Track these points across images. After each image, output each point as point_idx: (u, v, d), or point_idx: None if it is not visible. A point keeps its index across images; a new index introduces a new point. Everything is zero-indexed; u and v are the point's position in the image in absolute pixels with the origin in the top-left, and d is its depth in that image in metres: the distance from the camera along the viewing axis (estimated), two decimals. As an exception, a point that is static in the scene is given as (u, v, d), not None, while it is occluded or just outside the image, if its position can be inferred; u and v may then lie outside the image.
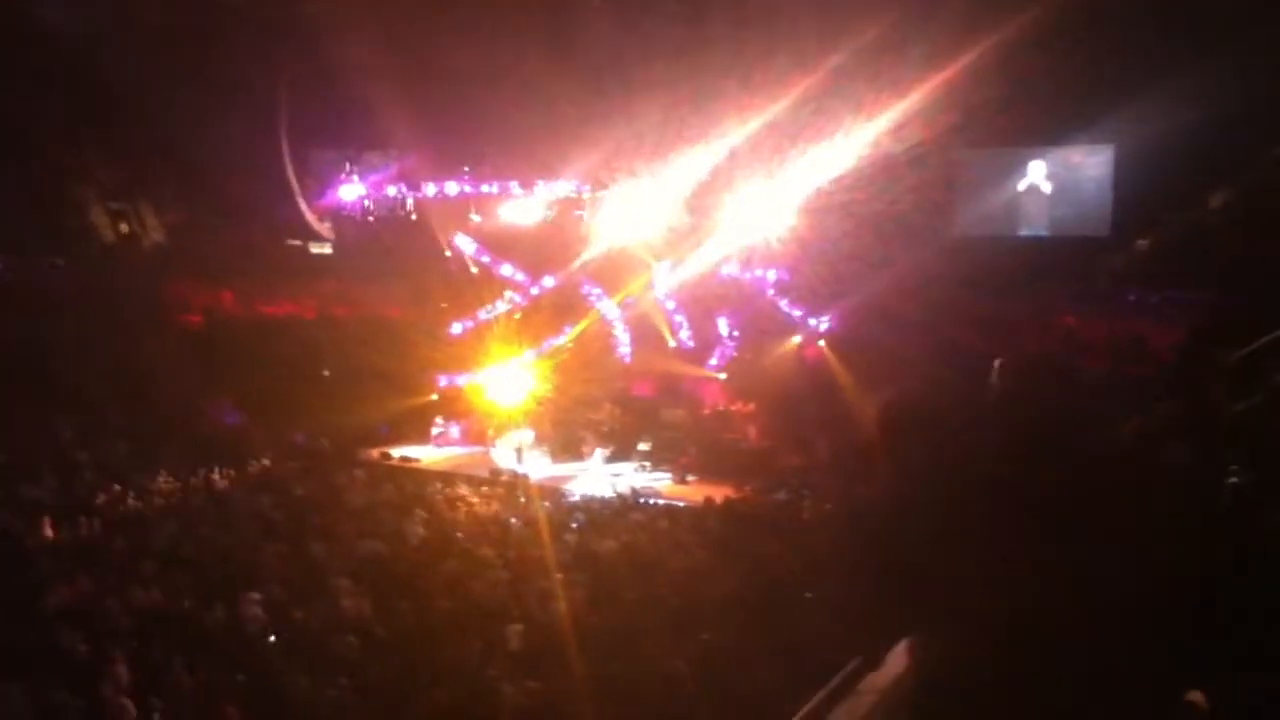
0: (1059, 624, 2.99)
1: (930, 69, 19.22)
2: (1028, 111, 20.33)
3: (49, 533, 13.73)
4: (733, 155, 22.36)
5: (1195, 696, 2.99)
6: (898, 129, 20.07)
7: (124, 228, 23.85)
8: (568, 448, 23.78)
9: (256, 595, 11.66)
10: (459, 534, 15.46)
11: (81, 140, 20.43)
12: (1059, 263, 21.17)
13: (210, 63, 21.58)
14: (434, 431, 24.82)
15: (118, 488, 16.31)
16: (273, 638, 10.74)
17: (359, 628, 11.25)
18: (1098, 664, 2.90)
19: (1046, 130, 21.62)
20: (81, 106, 20.34)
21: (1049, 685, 2.95)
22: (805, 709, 5.42)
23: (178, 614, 11.30)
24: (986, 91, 19.39)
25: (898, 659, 4.74)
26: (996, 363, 4.08)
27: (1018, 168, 23.16)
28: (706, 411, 24.31)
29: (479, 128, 24.86)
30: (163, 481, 17.25)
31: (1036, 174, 22.82)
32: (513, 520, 16.64)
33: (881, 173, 20.88)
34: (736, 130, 21.58)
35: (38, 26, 19.79)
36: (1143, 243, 20.45)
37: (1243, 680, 3.00)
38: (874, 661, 5.05)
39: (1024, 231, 22.99)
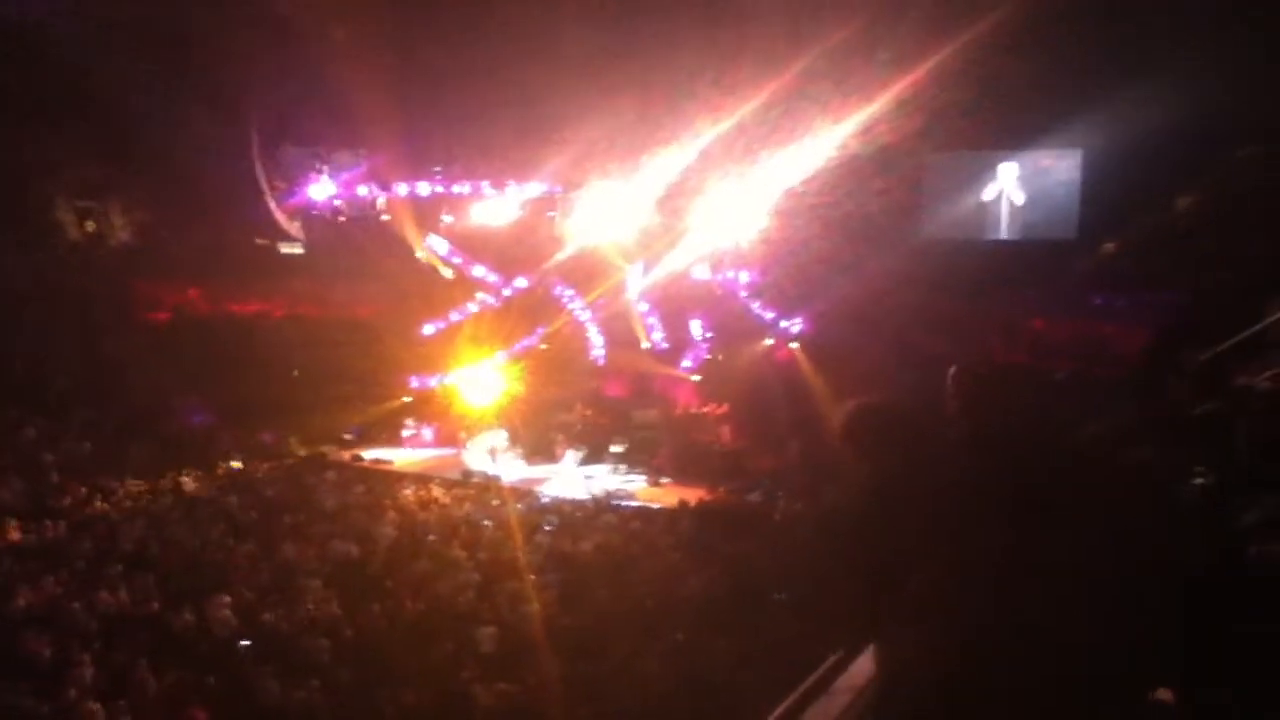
0: (1027, 622, 3.02)
1: (898, 72, 19.35)
2: (995, 115, 20.48)
3: (14, 535, 13.53)
4: (704, 157, 22.39)
5: (1163, 694, 3.03)
6: (866, 132, 20.17)
7: (90, 226, 23.54)
8: (540, 449, 23.76)
9: (226, 598, 11.56)
10: (430, 536, 15.39)
11: (46, 137, 20.13)
12: (1027, 266, 21.34)
13: (179, 59, 21.35)
14: (405, 433, 24.74)
15: (84, 489, 16.12)
16: (243, 641, 10.64)
17: (329, 630, 11.18)
18: (1065, 662, 2.94)
19: (1014, 134, 21.80)
20: (47, 102, 20.06)
21: (1017, 683, 2.98)
22: (780, 708, 5.45)
23: (145, 616, 11.18)
24: (954, 95, 19.54)
25: (867, 659, 4.77)
26: (951, 370, 4.12)
27: (985, 171, 23.35)
28: (679, 413, 24.38)
29: (450, 127, 24.78)
30: (130, 482, 17.05)
31: (1004, 177, 23.00)
32: (485, 522, 16.60)
33: (850, 176, 20.99)
34: (707, 132, 21.61)
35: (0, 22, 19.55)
36: (1109, 246, 20.65)
37: (1210, 678, 3.04)
38: (850, 658, 5.08)
39: (992, 235, 23.17)
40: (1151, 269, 18.88)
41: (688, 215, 23.93)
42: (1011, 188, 23.03)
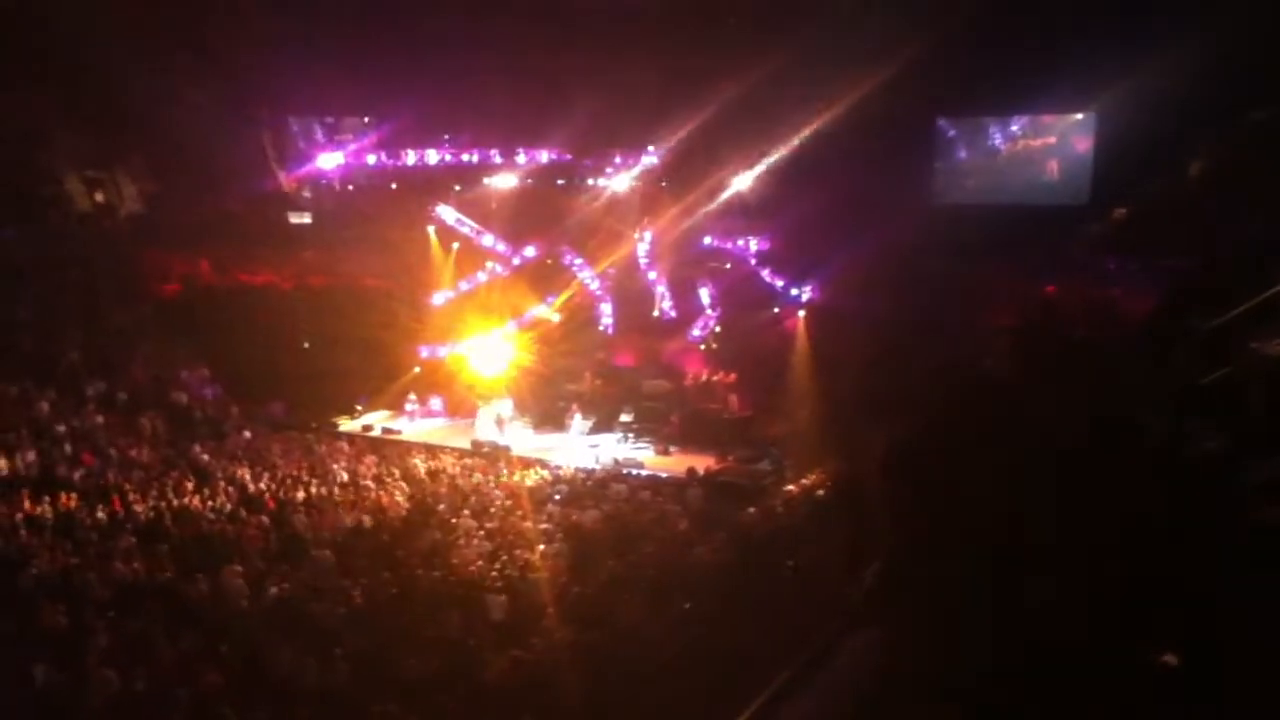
0: (1029, 585, 3.01)
1: (909, 36, 19.13)
2: (1007, 78, 20.28)
3: (28, 505, 13.62)
4: (713, 122, 22.23)
5: (1167, 657, 3.02)
6: (875, 95, 19.97)
7: (99, 196, 23.54)
8: (549, 419, 23.79)
9: (238, 567, 11.64)
10: (441, 505, 15.46)
11: (54, 109, 20.09)
12: (1039, 231, 21.20)
13: (186, 29, 21.26)
14: (408, 405, 24.76)
15: (96, 460, 16.20)
16: (254, 608, 10.73)
17: (341, 598, 11.26)
18: (1068, 625, 2.92)
19: (1026, 97, 21.59)
20: (55, 74, 20.00)
21: (1018, 646, 2.96)
22: (783, 678, 5.44)
23: (159, 586, 11.26)
24: (966, 58, 19.34)
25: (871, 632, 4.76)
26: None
27: (998, 135, 23.16)
28: (688, 382, 24.36)
29: (459, 94, 24.60)
30: (142, 453, 17.13)
31: (1017, 141, 22.81)
32: (494, 491, 16.67)
33: (859, 140, 20.82)
34: (716, 97, 21.44)
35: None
36: (1120, 210, 20.48)
37: (1214, 640, 3.02)
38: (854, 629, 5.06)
39: (1003, 199, 23.00)
40: (1162, 234, 18.73)
41: (697, 183, 23.82)
42: (1024, 151, 22.86)
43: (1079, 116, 21.89)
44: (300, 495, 15.52)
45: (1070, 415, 3.53)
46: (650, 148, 23.84)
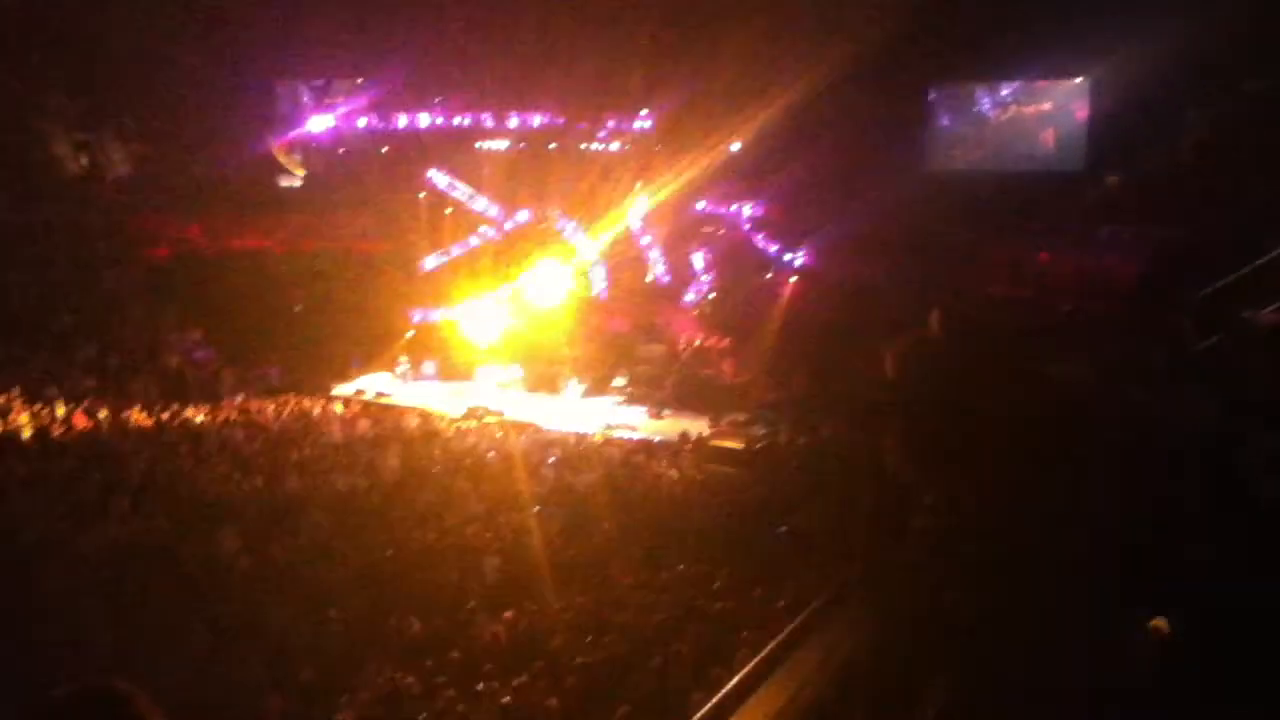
0: (1025, 549, 3.06)
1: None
2: (1003, 44, 20.19)
3: (22, 468, 13.63)
4: (708, 87, 22.13)
5: (1159, 622, 3.07)
6: (869, 61, 19.88)
7: (85, 160, 23.36)
8: (543, 383, 23.82)
9: (233, 529, 11.69)
10: (435, 468, 15.51)
11: (42, 69, 19.88)
12: (1033, 197, 21.19)
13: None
14: (398, 369, 24.74)
15: (90, 423, 16.20)
16: (249, 570, 10.79)
17: (336, 560, 11.33)
18: (1065, 593, 2.97)
19: (1021, 63, 21.50)
20: (41, 36, 19.79)
21: (1015, 604, 3.02)
22: (774, 643, 5.54)
23: (153, 547, 11.30)
24: (962, 23, 19.24)
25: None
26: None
27: (993, 101, 23.09)
28: (682, 346, 24.37)
29: (451, 58, 24.41)
30: (135, 416, 17.13)
31: (1011, 107, 22.75)
32: (489, 455, 16.72)
33: (853, 106, 20.75)
34: (711, 62, 21.33)
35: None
36: (1113, 178, 20.48)
37: (1204, 605, 3.08)
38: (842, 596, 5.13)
39: (997, 166, 22.96)
40: (1156, 202, 18.76)
41: (691, 147, 23.71)
42: (1018, 117, 22.81)
43: (1076, 82, 21.80)
44: (294, 457, 15.55)
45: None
46: (644, 111, 23.72)
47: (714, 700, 6.11)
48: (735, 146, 23.25)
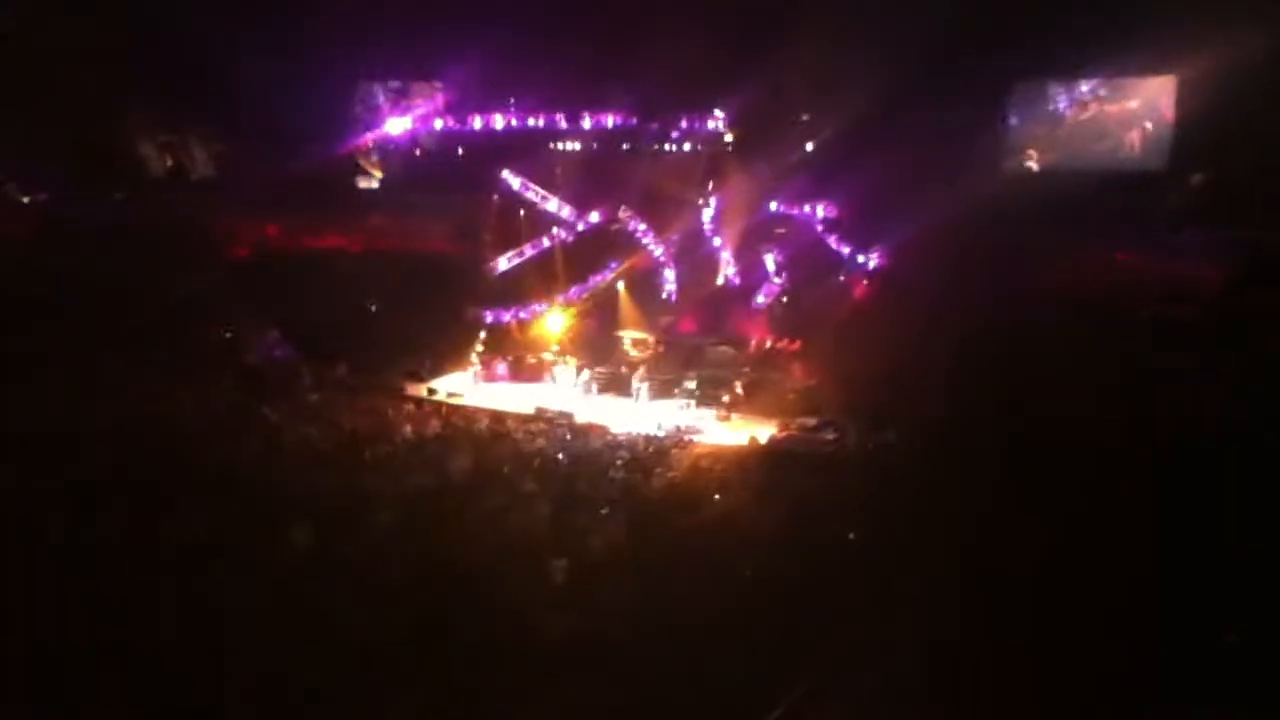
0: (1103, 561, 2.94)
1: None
2: (1085, 39, 19.68)
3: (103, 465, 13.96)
4: (781, 87, 21.94)
5: (1230, 636, 2.92)
6: (949, 58, 19.52)
7: (170, 161, 23.98)
8: (613, 384, 23.83)
9: (305, 525, 11.85)
10: (504, 469, 15.58)
11: (126, 74, 20.43)
12: (1115, 197, 20.62)
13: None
14: (471, 369, 24.97)
15: (168, 421, 16.57)
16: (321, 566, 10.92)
17: (407, 560, 11.41)
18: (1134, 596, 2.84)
19: (1104, 59, 20.91)
20: (125, 40, 20.33)
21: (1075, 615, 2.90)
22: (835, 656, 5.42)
23: (227, 544, 11.49)
24: (1043, 18, 18.79)
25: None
26: None
27: (1075, 99, 22.51)
28: (752, 349, 24.21)
29: (525, 59, 24.54)
30: (213, 414, 17.48)
31: (1095, 105, 22.15)
32: (558, 456, 16.76)
33: (931, 105, 20.39)
34: (784, 61, 21.14)
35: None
36: (1197, 177, 19.83)
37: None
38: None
39: (1081, 165, 22.38)
40: (1242, 204, 18.11)
41: (764, 148, 23.56)
42: (1102, 115, 22.21)
43: (1161, 79, 21.15)
44: (367, 455, 15.75)
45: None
46: (717, 112, 23.60)
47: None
48: (809, 146, 23.05)
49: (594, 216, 25.77)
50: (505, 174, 25.90)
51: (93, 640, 8.33)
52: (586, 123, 24.68)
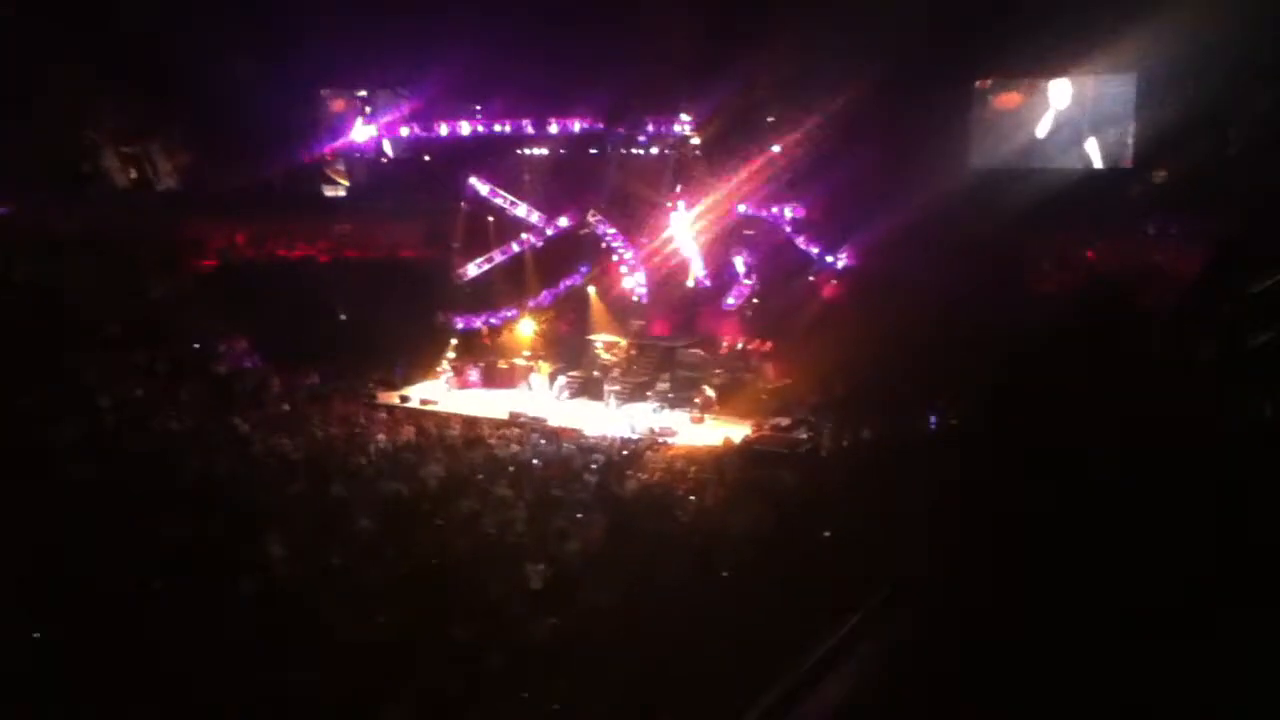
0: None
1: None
2: (1047, 40, 19.92)
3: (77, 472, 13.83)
4: (747, 90, 22.05)
5: None
6: (914, 59, 19.70)
7: (133, 172, 23.80)
8: (586, 388, 23.83)
9: (280, 534, 11.78)
10: (478, 475, 15.54)
11: (91, 84, 20.24)
12: (1080, 193, 20.87)
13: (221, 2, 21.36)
14: (442, 376, 24.90)
15: (140, 431, 16.42)
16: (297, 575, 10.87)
17: (382, 566, 11.38)
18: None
19: (1067, 59, 21.18)
20: (90, 50, 20.14)
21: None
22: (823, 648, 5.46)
23: (204, 553, 11.42)
24: (1005, 20, 19.00)
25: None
26: None
27: (1038, 97, 22.78)
28: (724, 350, 24.28)
29: (491, 66, 24.51)
30: (184, 423, 17.34)
31: (1057, 103, 22.42)
32: (532, 461, 16.74)
33: (898, 105, 20.56)
34: (750, 64, 21.26)
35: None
36: (1160, 173, 20.12)
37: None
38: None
39: (1043, 162, 22.65)
40: (1207, 195, 18.39)
41: (731, 150, 23.64)
42: (1063, 113, 22.47)
43: (1122, 75, 21.44)
44: (339, 463, 15.67)
45: None
46: (683, 115, 23.66)
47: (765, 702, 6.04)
48: (775, 148, 23.15)
49: (563, 221, 25.77)
50: (473, 180, 25.86)
51: (70, 649, 8.26)
52: (554, 128, 24.67)
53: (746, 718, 6.07)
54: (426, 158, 26.47)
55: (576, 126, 24.59)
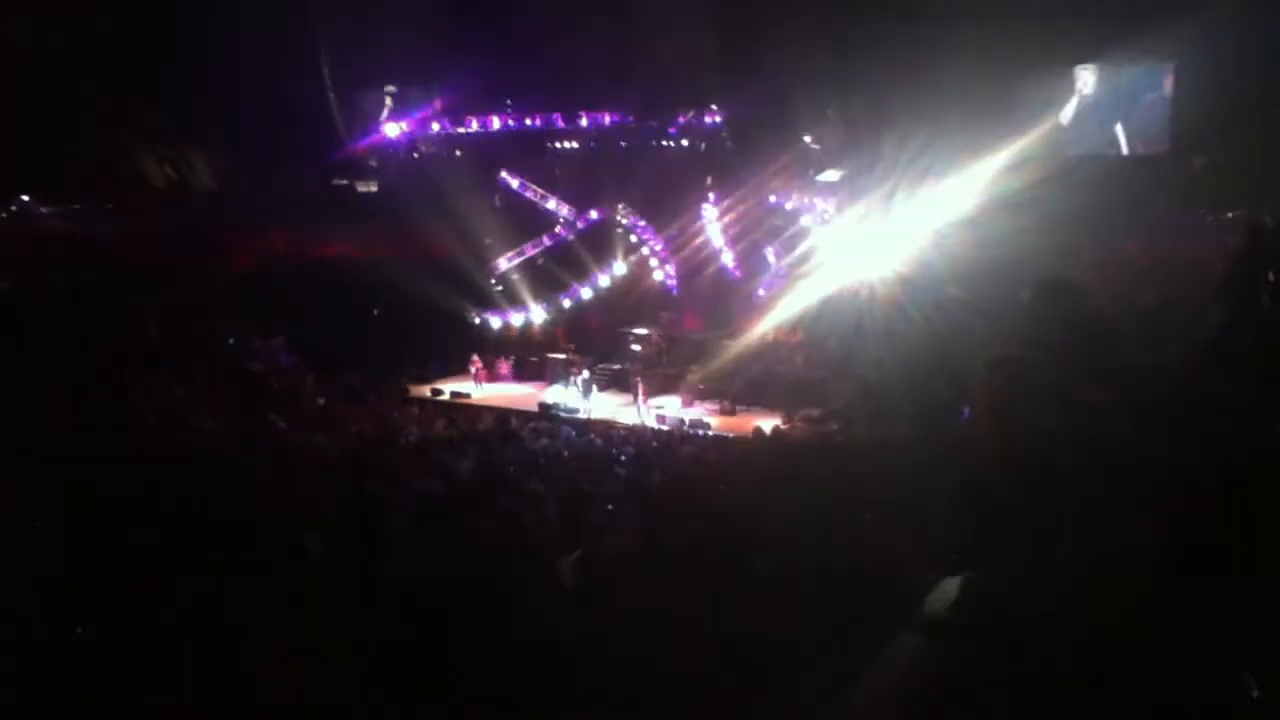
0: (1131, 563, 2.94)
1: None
2: (1081, 25, 19.64)
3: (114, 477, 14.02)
4: (779, 81, 21.93)
5: (1245, 678, 2.90)
6: (944, 49, 19.49)
7: (171, 173, 24.10)
8: (616, 381, 23.89)
9: (316, 532, 11.89)
10: (510, 469, 15.61)
11: (126, 86, 20.49)
12: (1119, 184, 20.56)
13: (251, 4, 21.52)
14: (472, 369, 25.04)
15: (178, 432, 16.63)
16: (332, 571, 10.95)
17: (416, 564, 11.45)
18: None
19: (1104, 45, 20.86)
20: (126, 53, 20.39)
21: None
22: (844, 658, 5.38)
23: (238, 552, 11.54)
24: (1039, 6, 18.77)
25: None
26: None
27: (1073, 86, 22.47)
28: (755, 342, 24.24)
29: (521, 60, 24.55)
30: (221, 423, 17.54)
31: (1083, 89, 22.11)
32: (563, 454, 16.80)
33: (930, 93, 20.35)
34: (781, 56, 21.12)
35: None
36: (1198, 160, 19.79)
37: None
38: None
39: (1081, 152, 22.34)
40: (1248, 185, 18.07)
41: (763, 142, 23.57)
42: (1100, 102, 22.15)
43: (1160, 64, 21.09)
44: (373, 460, 15.78)
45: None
46: (714, 107, 23.62)
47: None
48: (807, 139, 23.05)
49: (593, 214, 25.81)
50: (504, 175, 25.96)
51: (101, 654, 8.35)
52: (584, 121, 24.71)
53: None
54: (458, 153, 26.58)
55: (607, 120, 24.63)
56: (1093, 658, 2.81)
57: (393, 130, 26.34)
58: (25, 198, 21.34)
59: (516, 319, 26.54)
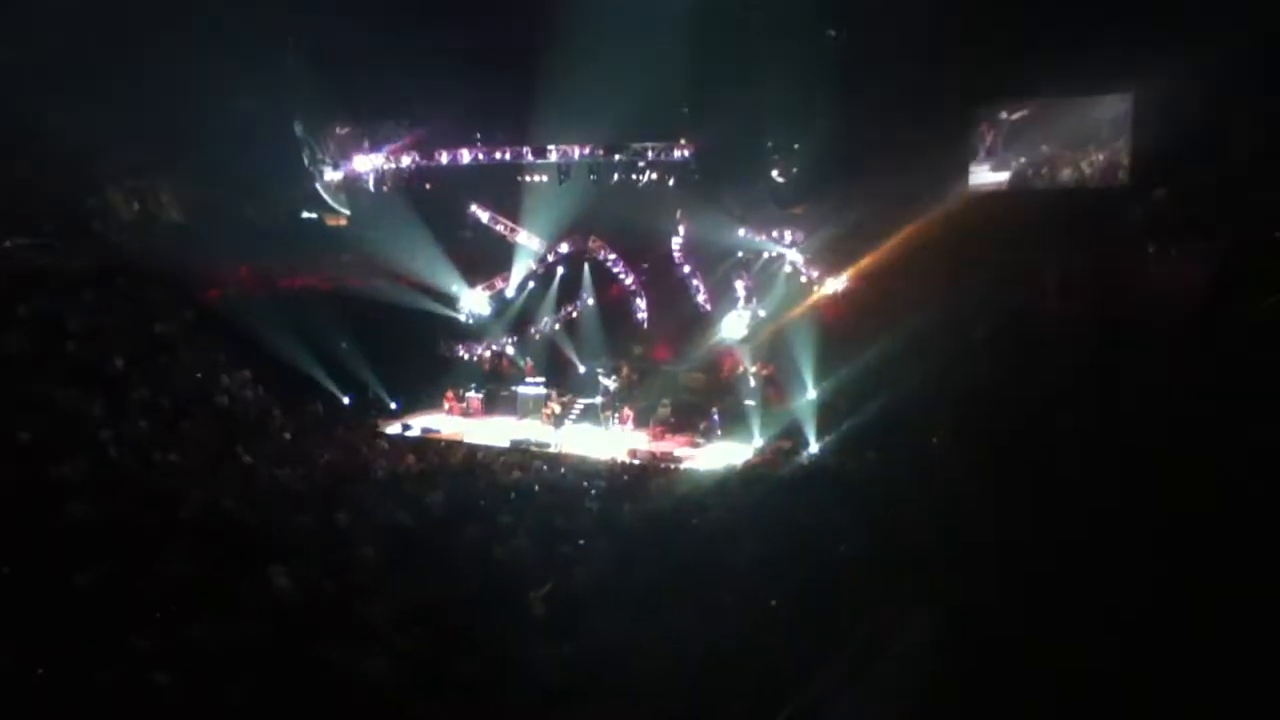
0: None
1: (942, 23, 19.00)
2: (1043, 62, 20.02)
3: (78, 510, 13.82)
4: (747, 116, 22.18)
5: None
6: (912, 85, 19.83)
7: (136, 206, 23.95)
8: (587, 414, 23.87)
9: (283, 566, 11.74)
10: (480, 502, 15.54)
11: (95, 118, 20.36)
12: (1077, 214, 20.90)
13: (220, 36, 21.50)
14: (445, 405, 24.99)
15: (144, 465, 16.42)
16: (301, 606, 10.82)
17: (386, 597, 11.33)
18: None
19: (1063, 80, 21.26)
20: (93, 85, 20.30)
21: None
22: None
23: (206, 586, 11.38)
24: (1002, 43, 19.11)
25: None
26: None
27: (1031, 118, 22.85)
28: (725, 374, 24.34)
29: (490, 95, 24.65)
30: (187, 457, 17.34)
31: (1051, 122, 22.48)
32: (534, 488, 16.74)
33: (896, 130, 20.65)
34: (749, 90, 21.38)
35: (48, 3, 19.79)
36: (1160, 191, 20.16)
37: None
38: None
39: (1040, 184, 22.67)
40: (1204, 216, 18.43)
41: (731, 175, 23.77)
42: (1059, 133, 22.51)
43: (1117, 96, 21.50)
44: (342, 494, 15.65)
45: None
46: (682, 141, 23.81)
47: None
48: (774, 173, 23.27)
49: (564, 248, 25.90)
50: (474, 208, 26.00)
51: (79, 687, 8.23)
52: (553, 155, 24.81)
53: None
54: (428, 186, 26.59)
55: (576, 154, 24.74)
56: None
57: (363, 164, 26.31)
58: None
59: (486, 352, 26.49)
